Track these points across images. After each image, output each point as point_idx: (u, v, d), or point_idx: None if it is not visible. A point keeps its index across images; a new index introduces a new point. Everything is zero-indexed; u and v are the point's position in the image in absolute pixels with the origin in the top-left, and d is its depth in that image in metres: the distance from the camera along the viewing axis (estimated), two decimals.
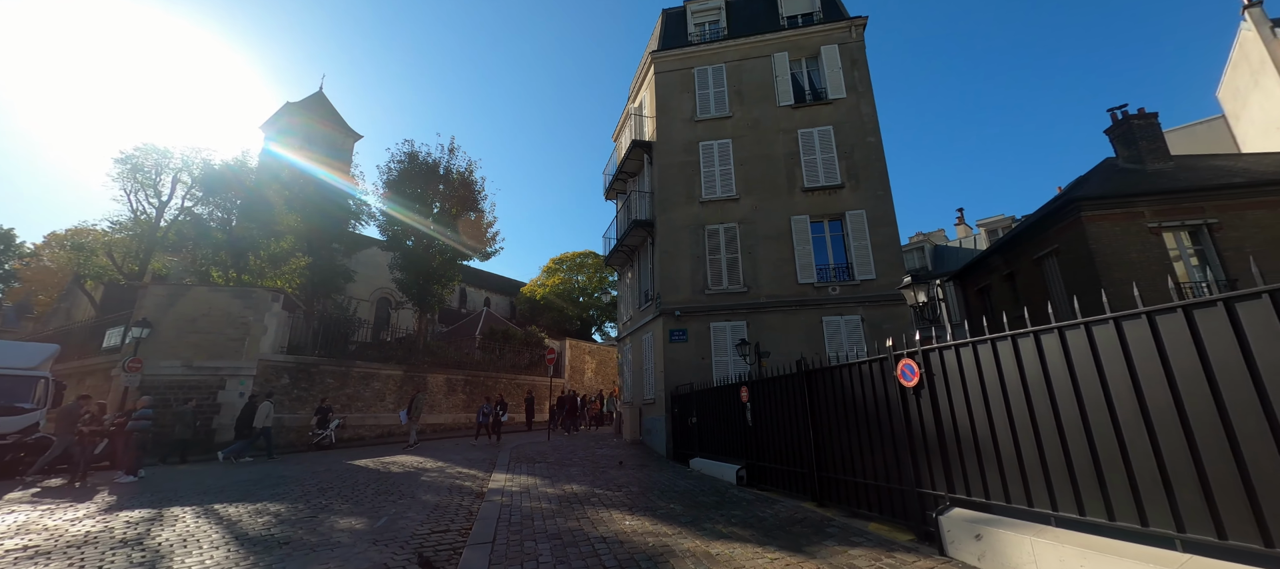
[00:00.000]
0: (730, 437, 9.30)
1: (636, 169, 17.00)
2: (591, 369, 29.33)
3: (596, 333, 47.00)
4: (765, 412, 8.16)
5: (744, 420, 8.73)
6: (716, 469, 9.40)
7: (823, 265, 13.51)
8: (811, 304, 12.99)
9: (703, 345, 13.26)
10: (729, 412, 9.39)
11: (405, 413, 15.60)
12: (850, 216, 13.46)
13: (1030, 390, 4.08)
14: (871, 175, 13.71)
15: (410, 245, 23.76)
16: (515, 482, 8.78)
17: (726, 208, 14.33)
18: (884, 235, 13.17)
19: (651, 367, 14.35)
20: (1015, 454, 4.15)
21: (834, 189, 13.81)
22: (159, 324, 14.35)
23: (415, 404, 15.37)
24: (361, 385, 17.40)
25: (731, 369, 12.80)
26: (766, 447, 8.06)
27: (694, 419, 11.08)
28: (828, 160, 14.07)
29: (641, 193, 15.88)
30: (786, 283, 13.35)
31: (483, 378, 22.48)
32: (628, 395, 16.85)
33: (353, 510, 6.79)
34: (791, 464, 7.36)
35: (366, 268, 38.87)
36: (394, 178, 23.44)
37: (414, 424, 15.20)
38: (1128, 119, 14.97)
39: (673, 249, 14.23)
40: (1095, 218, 12.35)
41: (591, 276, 49.19)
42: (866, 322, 12.59)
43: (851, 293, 12.97)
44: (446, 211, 24.20)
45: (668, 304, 13.71)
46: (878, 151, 13.90)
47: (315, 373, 16.38)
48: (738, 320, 13.28)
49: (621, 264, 18.39)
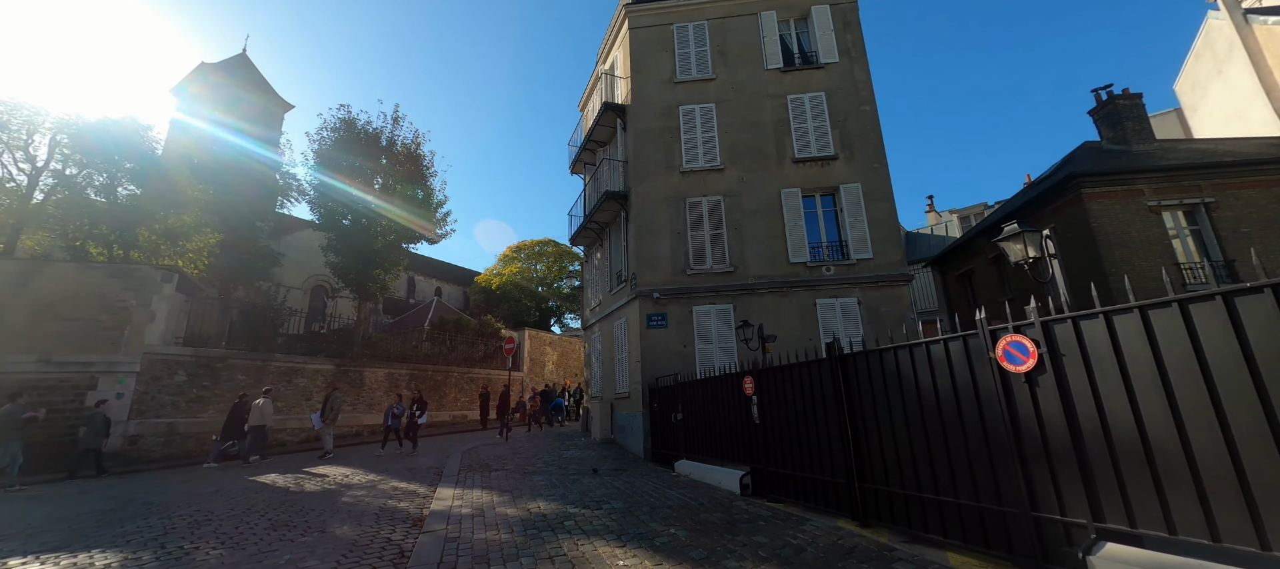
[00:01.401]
0: (728, 436, 7.83)
1: (608, 137, 15.23)
2: (552, 361, 27.37)
3: (556, 325, 44.89)
4: (776, 406, 6.72)
5: (747, 416, 7.28)
6: (711, 475, 7.91)
7: (815, 243, 12.29)
8: (804, 285, 11.74)
9: (685, 331, 11.76)
10: (726, 406, 7.92)
11: (318, 416, 12.60)
12: (845, 190, 12.29)
13: (1213, 377, 2.77)
14: (867, 146, 12.60)
15: (346, 225, 20.93)
16: (466, 499, 6.96)
17: (710, 179, 12.85)
18: (881, 211, 12.08)
19: (625, 357, 12.73)
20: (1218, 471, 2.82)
21: (827, 160, 12.60)
22: (5, 309, 11.35)
23: (330, 404, 12.57)
24: (282, 383, 14.81)
25: (718, 358, 11.38)
26: (778, 448, 6.63)
27: (679, 415, 9.57)
28: (820, 129, 12.84)
29: (614, 162, 14.14)
30: (777, 261, 12.05)
31: (430, 372, 20.13)
32: (597, 389, 15.17)
33: (226, 561, 4.79)
34: (814, 470, 5.95)
35: (299, 252, 35.05)
36: (328, 147, 20.53)
37: (329, 428, 12.45)
38: (1113, 99, 14.61)
39: (650, 224, 12.61)
40: (1096, 196, 11.73)
41: (551, 265, 47.00)
42: (863, 304, 11.47)
43: (846, 272, 11.82)
44: (390, 188, 21.51)
45: (645, 285, 12.12)
46: (873, 121, 12.80)
47: (222, 369, 13.69)
48: (724, 303, 11.86)
49: (590, 243, 16.60)
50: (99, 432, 10.66)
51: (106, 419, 10.98)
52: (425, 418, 13.57)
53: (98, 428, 10.65)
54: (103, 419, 10.82)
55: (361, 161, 20.69)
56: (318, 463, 11.04)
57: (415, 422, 13.22)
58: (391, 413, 13.21)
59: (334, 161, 20.08)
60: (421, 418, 13.36)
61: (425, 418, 13.57)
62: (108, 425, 11.00)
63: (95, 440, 10.55)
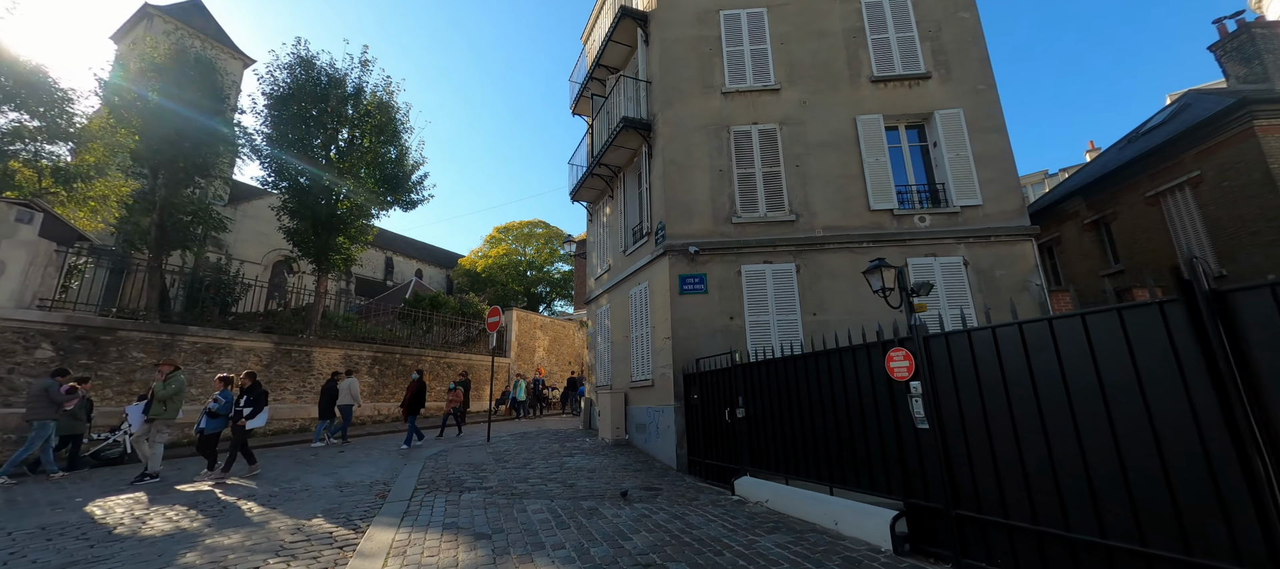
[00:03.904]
0: (848, 446, 4.83)
1: (623, 59, 12.07)
2: (544, 346, 24.22)
3: (545, 310, 41.77)
4: (969, 399, 3.74)
5: (897, 415, 4.29)
6: (817, 507, 4.93)
7: (903, 186, 9.34)
8: (890, 239, 8.79)
9: (731, 298, 8.75)
10: (842, 399, 4.92)
11: (138, 408, 7.56)
12: (941, 118, 9.34)
13: None
14: (968, 62, 9.66)
15: (304, 185, 17.47)
16: (420, 548, 3.89)
17: (762, 102, 9.80)
18: (991, 145, 9.17)
19: (648, 333, 9.68)
20: None
21: (916, 80, 9.64)
22: None
23: (160, 395, 7.34)
24: (200, 364, 11.47)
25: (777, 333, 8.40)
26: (976, 475, 3.65)
27: (739, 410, 6.56)
28: (905, 41, 9.85)
29: (632, 82, 10.98)
30: (853, 208, 9.07)
31: (400, 355, 16.87)
32: (604, 378, 12.09)
33: None
34: (1082, 521, 2.99)
35: (259, 223, 31.38)
36: (282, 92, 17.00)
37: (160, 431, 7.39)
38: (1246, 29, 11.86)
39: (683, 158, 9.54)
40: (1272, 128, 8.95)
41: (541, 248, 43.91)
42: (971, 265, 8.56)
43: (948, 224, 8.89)
44: (356, 143, 18.10)
45: (677, 238, 9.07)
46: (975, 29, 9.85)
47: (109, 343, 10.32)
48: (784, 261, 8.86)
49: (596, 197, 13.44)
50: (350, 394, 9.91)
51: (355, 385, 10.25)
52: (262, 420, 7.80)
53: (348, 391, 9.90)
54: (353, 385, 10.16)
55: (321, 109, 17.23)
56: (142, 485, 6.76)
57: (241, 428, 7.48)
58: (207, 411, 7.48)
59: (289, 108, 16.59)
60: (254, 420, 7.61)
61: (262, 420, 7.80)
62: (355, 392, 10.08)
63: None
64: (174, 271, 16.82)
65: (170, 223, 19.23)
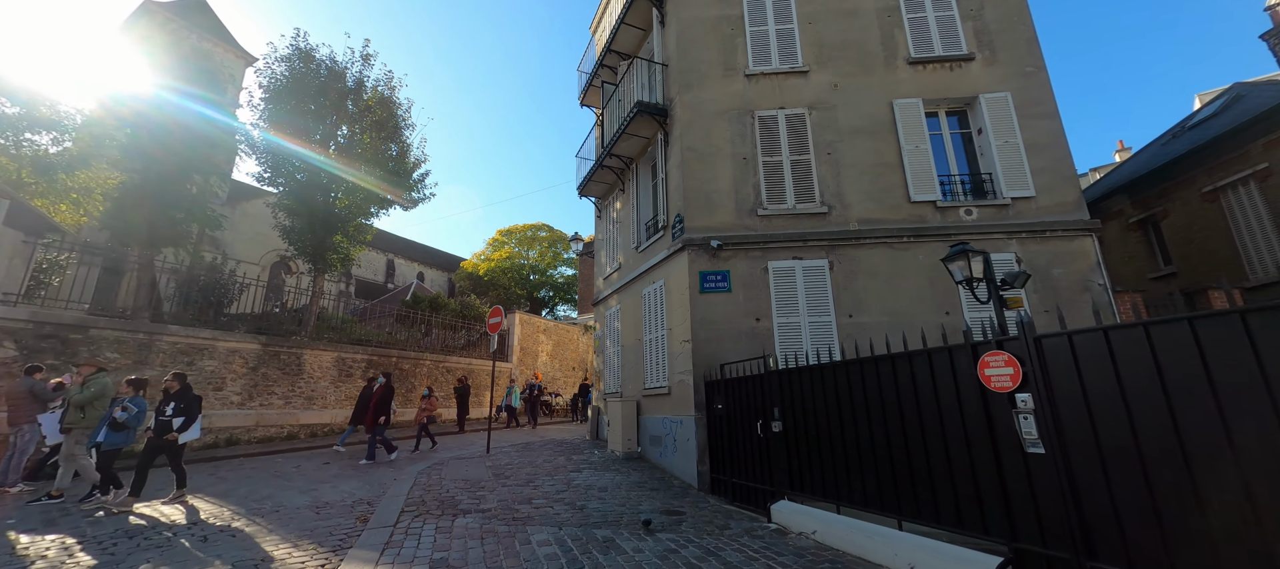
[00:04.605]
0: (921, 470, 3.98)
1: (635, 44, 11.32)
2: (547, 351, 23.36)
3: (547, 314, 40.98)
4: (1111, 420, 2.90)
5: (994, 431, 3.44)
6: (880, 545, 4.06)
7: (945, 176, 8.52)
8: (934, 233, 7.95)
9: (757, 297, 7.91)
10: (905, 414, 4.08)
11: (52, 419, 6.61)
12: (986, 102, 8.53)
13: None
14: (1015, 43, 8.86)
15: (301, 180, 16.75)
16: None
17: (789, 85, 9.01)
18: (1043, 132, 8.35)
19: (663, 336, 8.84)
20: None
21: (958, 61, 8.83)
22: None
23: (77, 400, 6.32)
24: (179, 366, 10.67)
25: (809, 337, 7.55)
26: (1122, 517, 2.79)
27: (777, 425, 5.71)
28: (945, 21, 9.07)
29: (651, 64, 10.21)
30: (891, 200, 8.24)
31: (396, 359, 16.06)
32: (613, 384, 11.24)
33: None
34: None
35: (257, 224, 30.69)
36: (280, 85, 16.32)
37: (75, 451, 6.25)
38: None
39: (703, 146, 8.75)
40: None
41: (544, 252, 43.23)
42: (1026, 263, 7.71)
43: (997, 218, 8.06)
44: (356, 138, 17.39)
45: (697, 231, 8.25)
46: (1021, 7, 9.06)
47: (80, 342, 9.55)
48: (814, 257, 8.03)
49: (605, 191, 12.65)
50: None
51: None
52: (194, 432, 6.43)
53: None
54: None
55: (320, 103, 16.55)
56: (92, 502, 5.87)
57: (173, 443, 6.18)
58: (108, 421, 6.21)
59: (287, 102, 15.91)
60: (186, 433, 6.29)
61: (194, 432, 6.43)
62: None
63: None
64: (172, 269, 16.10)
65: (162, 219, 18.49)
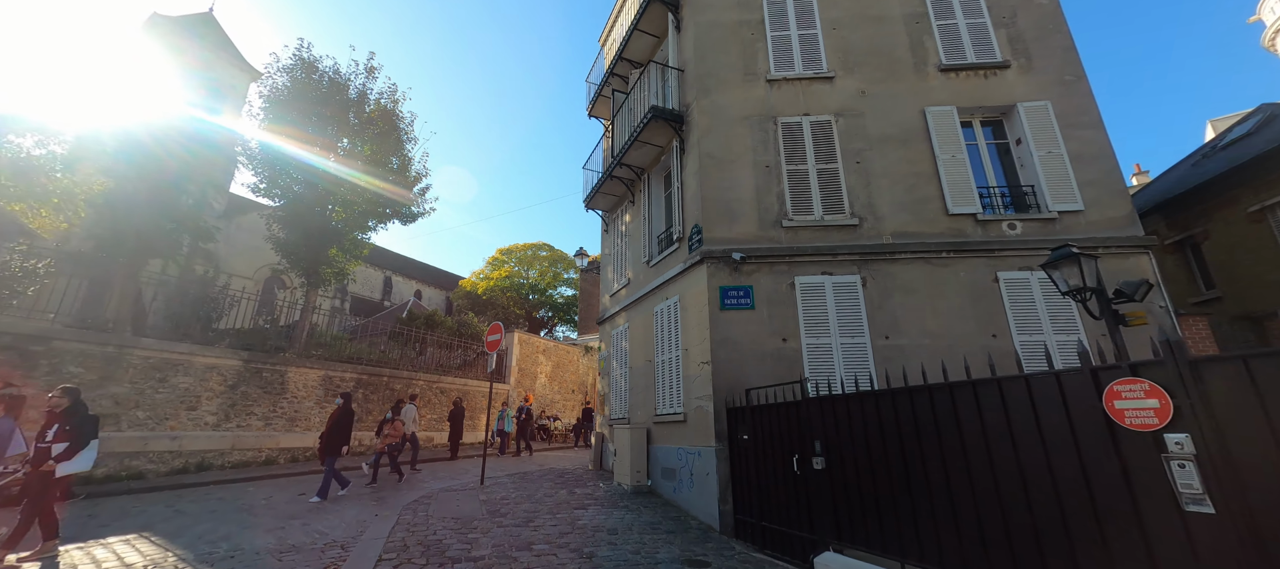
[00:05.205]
0: (1019, 527, 3.22)
1: (648, 51, 10.87)
2: (546, 372, 22.48)
3: (546, 335, 40.11)
4: None
5: (1128, 487, 2.70)
6: None
7: (984, 188, 7.92)
8: (976, 248, 7.31)
9: (782, 316, 7.21)
10: (994, 455, 3.34)
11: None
12: (1025, 111, 7.99)
13: None
14: (1052, 50, 8.38)
15: (298, 191, 16.19)
16: None
17: (813, 90, 8.49)
18: (1088, 143, 7.78)
19: (678, 357, 8.10)
20: None
21: (993, 69, 8.34)
22: None
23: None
24: (150, 383, 9.87)
25: (842, 359, 6.83)
26: None
27: (819, 461, 4.95)
28: (977, 27, 8.61)
29: (666, 70, 9.71)
30: (927, 212, 7.62)
31: (388, 378, 15.20)
32: (620, 410, 10.42)
33: None
34: None
35: (252, 237, 30.05)
36: (282, 95, 15.91)
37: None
38: None
39: (723, 152, 8.17)
40: None
41: (544, 271, 42.69)
42: None
43: (1043, 232, 7.43)
44: (357, 151, 16.91)
45: (716, 243, 7.60)
46: (1056, 15, 8.62)
47: (41, 354, 8.77)
48: (845, 272, 7.36)
49: (613, 205, 12.04)
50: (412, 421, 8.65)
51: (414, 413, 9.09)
52: (82, 464, 5.07)
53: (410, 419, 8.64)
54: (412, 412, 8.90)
55: (321, 115, 16.11)
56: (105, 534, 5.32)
57: (48, 475, 4.81)
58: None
59: (288, 111, 15.48)
60: (70, 464, 4.95)
61: (82, 464, 5.07)
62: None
63: None
64: (160, 282, 15.41)
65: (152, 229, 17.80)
